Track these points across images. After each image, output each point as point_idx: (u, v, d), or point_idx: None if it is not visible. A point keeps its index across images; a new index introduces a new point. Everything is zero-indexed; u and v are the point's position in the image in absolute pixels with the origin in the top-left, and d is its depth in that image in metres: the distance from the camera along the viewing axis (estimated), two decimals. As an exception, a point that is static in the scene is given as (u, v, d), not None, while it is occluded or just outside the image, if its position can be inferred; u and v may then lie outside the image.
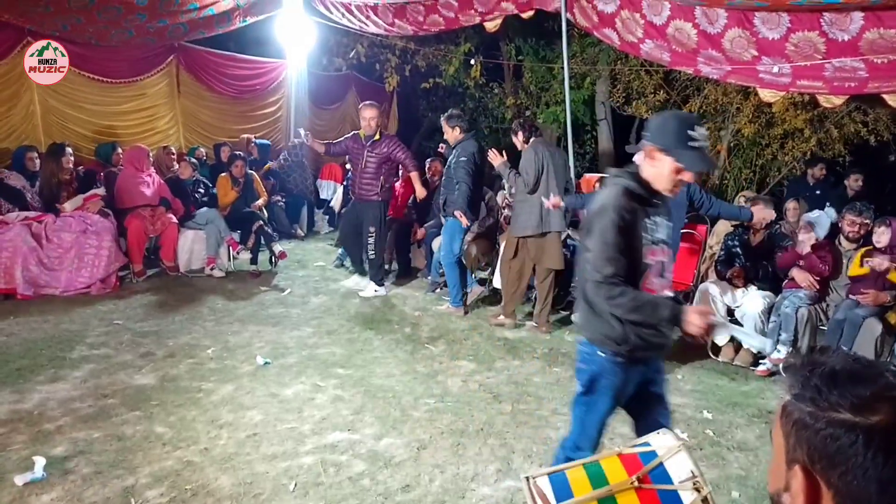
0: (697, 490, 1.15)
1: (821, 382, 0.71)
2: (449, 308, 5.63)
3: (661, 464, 1.21)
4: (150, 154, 6.72)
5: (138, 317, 4.93)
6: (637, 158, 2.24)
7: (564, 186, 5.12)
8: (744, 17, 5.04)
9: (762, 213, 4.61)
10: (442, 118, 5.69)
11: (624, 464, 1.24)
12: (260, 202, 7.03)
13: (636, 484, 1.18)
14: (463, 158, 5.41)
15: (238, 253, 6.75)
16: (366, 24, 8.26)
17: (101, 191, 5.97)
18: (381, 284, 6.07)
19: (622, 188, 2.12)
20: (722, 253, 4.83)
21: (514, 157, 5.27)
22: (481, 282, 6.48)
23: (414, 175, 5.99)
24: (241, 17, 7.94)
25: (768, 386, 4.15)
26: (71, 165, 5.87)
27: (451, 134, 5.56)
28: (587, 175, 8.55)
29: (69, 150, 5.91)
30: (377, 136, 5.77)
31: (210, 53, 9.07)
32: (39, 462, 2.69)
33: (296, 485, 2.71)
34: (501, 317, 5.27)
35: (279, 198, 8.46)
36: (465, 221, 5.43)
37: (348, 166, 7.31)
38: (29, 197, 5.82)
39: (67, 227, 5.56)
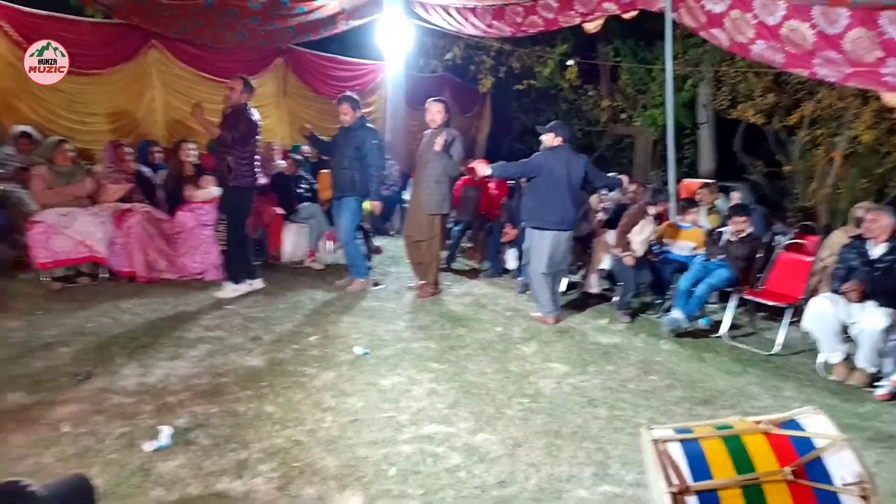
0: (865, 498, 1.02)
1: None
2: (356, 283, 5.87)
3: (819, 457, 1.09)
4: None
5: (247, 303, 5.23)
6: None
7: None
8: (868, 17, 4.74)
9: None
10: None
11: (773, 447, 1.12)
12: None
13: (790, 477, 1.07)
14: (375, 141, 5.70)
15: (337, 247, 7.00)
16: (464, 26, 8.36)
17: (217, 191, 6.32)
18: (238, 281, 5.41)
19: None
20: (839, 266, 4.55)
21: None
22: (571, 285, 6.43)
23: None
24: (344, 20, 8.24)
25: (886, 409, 3.88)
26: (191, 159, 6.27)
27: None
28: (686, 181, 8.27)
29: (190, 144, 6.31)
30: (228, 110, 5.24)
31: (314, 55, 9.48)
32: (166, 431, 2.92)
33: (396, 471, 2.79)
34: (430, 287, 5.81)
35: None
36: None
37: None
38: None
39: (183, 220, 5.96)
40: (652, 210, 5.56)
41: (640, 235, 5.50)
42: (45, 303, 4.88)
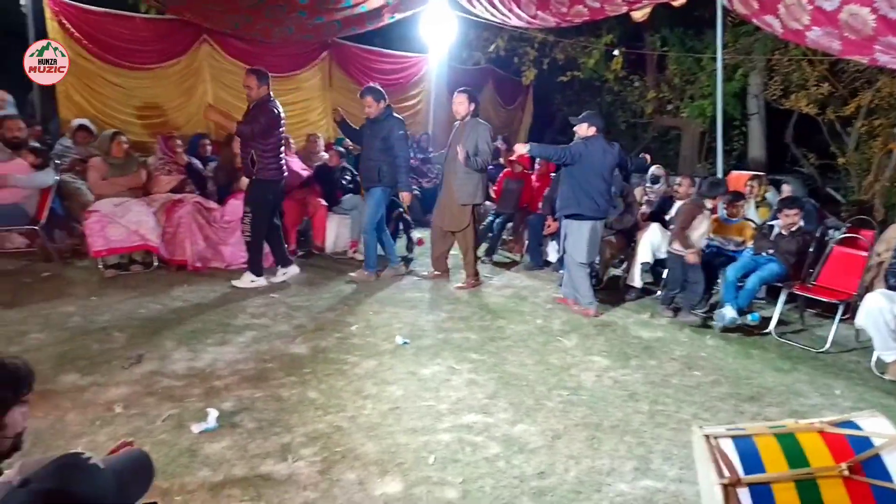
0: None
1: None
2: (361, 273, 5.89)
3: (877, 455, 1.05)
4: (292, 142, 7.20)
5: (291, 292, 5.34)
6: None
7: None
8: (935, -1, 4.51)
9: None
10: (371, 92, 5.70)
11: (829, 445, 1.10)
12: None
13: (846, 473, 1.03)
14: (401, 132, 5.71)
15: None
16: (508, 18, 8.29)
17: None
18: (258, 274, 5.40)
19: None
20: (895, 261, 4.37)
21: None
22: (612, 279, 6.34)
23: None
24: (389, 13, 8.29)
25: (946, 411, 3.72)
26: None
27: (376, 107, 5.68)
28: (735, 173, 8.05)
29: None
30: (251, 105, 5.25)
31: (359, 49, 9.56)
32: (213, 414, 3.01)
33: (435, 459, 2.82)
34: (471, 279, 5.86)
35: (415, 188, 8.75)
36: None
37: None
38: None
39: (232, 209, 6.11)
40: (709, 204, 5.43)
41: (698, 231, 5.37)
42: (100, 289, 5.08)
